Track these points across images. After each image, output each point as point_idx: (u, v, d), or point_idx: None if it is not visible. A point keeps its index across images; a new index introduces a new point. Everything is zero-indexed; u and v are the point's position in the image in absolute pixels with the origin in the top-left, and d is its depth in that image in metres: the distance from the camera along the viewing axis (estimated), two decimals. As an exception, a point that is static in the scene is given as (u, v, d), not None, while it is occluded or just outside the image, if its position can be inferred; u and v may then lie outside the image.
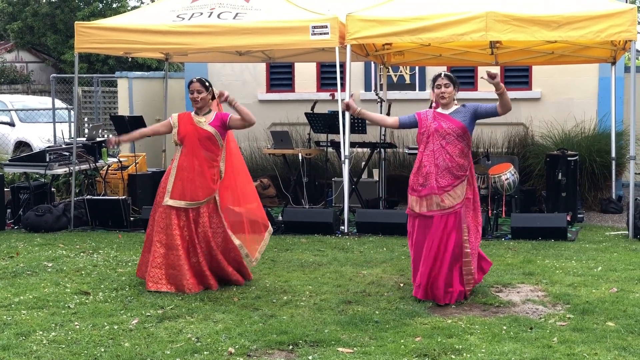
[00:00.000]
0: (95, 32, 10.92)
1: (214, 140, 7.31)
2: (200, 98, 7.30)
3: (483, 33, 9.87)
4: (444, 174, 6.86)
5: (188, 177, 7.26)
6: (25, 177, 11.77)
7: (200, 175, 7.27)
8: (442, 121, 6.93)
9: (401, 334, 5.95)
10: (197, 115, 7.38)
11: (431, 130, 6.93)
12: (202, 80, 7.37)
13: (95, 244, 9.68)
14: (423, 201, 6.90)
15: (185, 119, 7.40)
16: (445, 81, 6.96)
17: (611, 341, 5.70)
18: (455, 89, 6.99)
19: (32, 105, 19.91)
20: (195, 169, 7.26)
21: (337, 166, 12.88)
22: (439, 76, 7.02)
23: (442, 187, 6.85)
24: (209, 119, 7.34)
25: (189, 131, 7.31)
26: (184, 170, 7.29)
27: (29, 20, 30.50)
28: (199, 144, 7.28)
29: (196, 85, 7.32)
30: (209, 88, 7.38)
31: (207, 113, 7.38)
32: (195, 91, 7.31)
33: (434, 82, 7.03)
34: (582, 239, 9.76)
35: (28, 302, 6.93)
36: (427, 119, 7.00)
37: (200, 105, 7.33)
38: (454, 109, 7.01)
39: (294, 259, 8.69)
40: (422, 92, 14.01)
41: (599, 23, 9.66)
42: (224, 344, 5.74)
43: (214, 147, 7.33)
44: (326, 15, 10.39)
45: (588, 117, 13.05)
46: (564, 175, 11.09)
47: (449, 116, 6.95)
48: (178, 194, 7.27)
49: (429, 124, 6.96)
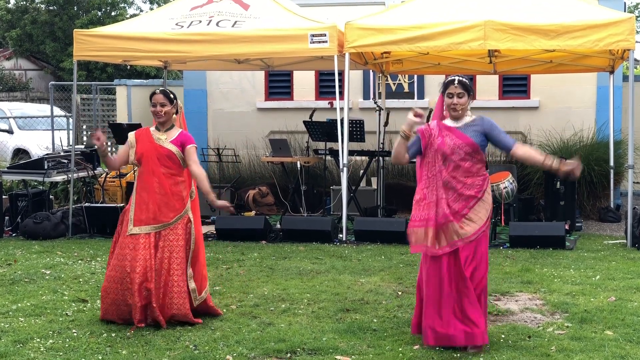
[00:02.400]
0: (94, 40, 10.93)
1: (175, 159, 6.50)
2: (164, 112, 6.48)
3: (481, 42, 9.89)
4: (455, 198, 5.79)
5: (150, 198, 6.45)
6: (24, 184, 11.77)
7: (163, 196, 6.44)
8: (447, 137, 5.82)
9: (399, 342, 5.94)
10: (157, 131, 6.57)
11: (435, 147, 5.85)
12: (166, 92, 6.53)
13: (93, 252, 9.67)
14: (440, 233, 5.75)
15: (144, 136, 6.59)
16: (459, 90, 5.80)
17: (609, 350, 5.69)
18: (469, 98, 5.88)
19: (30, 112, 19.93)
20: (155, 189, 6.44)
21: (335, 174, 12.88)
22: (452, 83, 5.83)
23: (456, 212, 5.77)
24: (171, 136, 6.52)
25: (146, 149, 6.50)
26: (144, 191, 6.49)
27: (27, 28, 30.52)
28: (158, 162, 6.46)
29: (159, 97, 6.49)
30: (174, 101, 6.54)
31: (169, 129, 6.56)
32: (158, 104, 6.48)
33: (446, 88, 5.88)
34: (581, 248, 9.76)
35: (26, 309, 6.92)
36: (432, 133, 5.88)
37: (163, 119, 6.50)
38: (465, 121, 5.89)
39: (292, 267, 8.69)
40: (421, 101, 14.03)
41: (598, 32, 9.68)
42: (221, 352, 5.73)
43: (175, 165, 6.51)
44: (325, 24, 10.41)
45: (586, 125, 13.06)
46: (563, 184, 11.09)
47: (457, 131, 5.84)
48: (142, 219, 6.46)
49: (434, 139, 5.86)
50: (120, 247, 6.50)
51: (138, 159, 6.53)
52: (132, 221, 6.49)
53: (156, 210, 6.44)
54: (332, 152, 11.81)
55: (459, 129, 5.87)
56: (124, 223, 6.56)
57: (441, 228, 5.74)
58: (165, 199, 6.45)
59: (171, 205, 6.47)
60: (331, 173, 13.00)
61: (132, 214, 6.50)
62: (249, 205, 12.86)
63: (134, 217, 6.49)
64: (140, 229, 6.45)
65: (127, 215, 6.55)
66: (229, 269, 8.65)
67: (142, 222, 6.46)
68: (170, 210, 6.46)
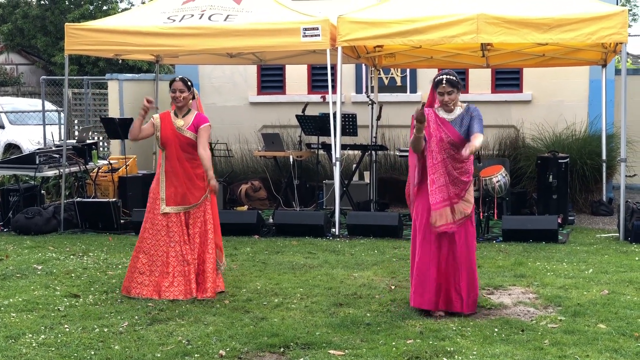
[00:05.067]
0: (86, 34, 10.88)
1: (195, 144, 7.22)
2: (183, 97, 7.20)
3: (474, 35, 9.88)
4: (455, 182, 6.46)
5: (178, 182, 7.21)
6: (15, 179, 11.73)
7: (189, 180, 7.22)
8: (442, 131, 6.38)
9: (393, 336, 5.94)
10: (176, 116, 7.27)
11: (437, 138, 6.40)
12: (184, 79, 7.28)
13: (85, 247, 9.64)
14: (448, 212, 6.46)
15: (166, 121, 7.30)
16: (448, 88, 6.32)
17: (602, 343, 5.69)
18: (459, 92, 6.39)
19: (22, 107, 19.87)
20: (182, 174, 7.22)
21: (328, 168, 12.87)
22: (441, 83, 6.33)
23: (457, 194, 6.47)
24: (188, 123, 7.23)
25: (169, 137, 7.23)
26: (173, 176, 7.24)
27: (19, 22, 30.41)
28: (181, 149, 7.22)
29: (179, 84, 7.21)
30: (191, 88, 7.30)
31: (186, 114, 7.27)
32: (177, 90, 7.21)
33: (436, 87, 6.39)
34: (573, 241, 9.77)
35: (18, 304, 6.89)
36: (431, 125, 6.39)
37: (181, 104, 7.23)
38: (457, 114, 6.42)
39: (285, 262, 8.67)
40: (413, 95, 14.02)
41: (590, 25, 9.67)
42: (214, 347, 5.72)
43: (195, 150, 7.24)
44: (317, 17, 10.38)
45: (579, 119, 13.07)
46: (555, 178, 11.11)
47: (450, 125, 6.40)
48: (173, 200, 7.22)
49: (434, 130, 6.39)
50: (151, 224, 7.25)
51: (163, 143, 7.27)
52: (164, 201, 7.23)
53: (186, 192, 7.22)
54: (324, 146, 11.80)
55: (452, 122, 6.42)
56: (154, 201, 7.27)
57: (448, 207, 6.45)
58: (191, 182, 7.24)
59: (196, 186, 7.25)
60: (324, 167, 12.99)
61: (164, 194, 7.24)
62: (242, 200, 12.84)
63: (165, 197, 7.23)
64: (172, 209, 7.23)
65: (157, 194, 7.27)
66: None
67: (174, 202, 7.23)
68: (196, 190, 7.25)
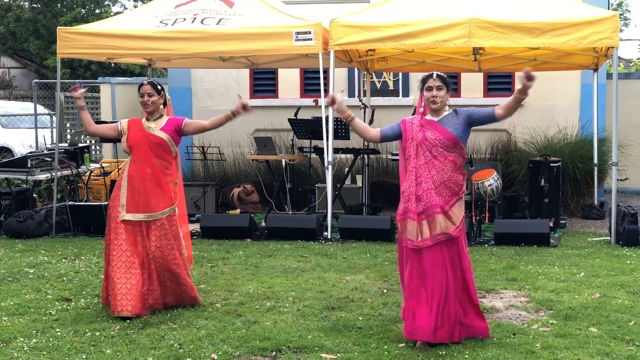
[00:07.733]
0: (78, 38, 10.87)
1: (166, 147, 6.83)
2: (151, 102, 6.80)
3: (466, 39, 9.90)
4: (440, 190, 5.85)
5: (142, 187, 6.75)
6: (7, 182, 11.69)
7: (156, 185, 6.78)
8: (428, 131, 5.91)
9: (385, 340, 5.94)
10: (147, 120, 6.90)
11: (419, 140, 5.93)
12: (153, 83, 6.89)
13: (77, 250, 9.62)
14: (423, 226, 5.83)
15: (136, 125, 6.92)
16: (437, 83, 5.93)
17: (594, 347, 5.71)
18: (448, 92, 6.00)
19: (14, 110, 19.79)
20: (148, 179, 6.76)
21: (320, 172, 12.87)
22: (431, 77, 5.99)
23: (442, 205, 5.83)
24: (160, 124, 6.86)
25: (138, 138, 6.82)
26: (135, 180, 6.78)
27: (11, 25, 30.33)
28: (150, 151, 6.79)
29: (147, 87, 6.83)
30: (161, 92, 6.91)
31: (158, 118, 6.88)
32: (145, 94, 6.81)
33: (424, 83, 6.02)
34: (565, 245, 9.79)
35: (9, 308, 6.87)
36: (413, 128, 5.99)
37: (150, 109, 6.83)
38: (444, 115, 5.99)
39: (277, 265, 8.67)
40: (406, 98, 14.04)
41: (582, 30, 9.71)
42: (206, 351, 5.72)
43: (166, 154, 6.85)
44: (310, 21, 10.39)
45: (570, 123, 13.11)
46: (547, 182, 11.13)
47: (437, 124, 5.94)
48: (134, 206, 6.75)
49: (415, 133, 5.96)
50: (114, 233, 6.75)
51: (129, 146, 6.85)
52: (124, 207, 6.75)
53: (150, 200, 6.75)
54: (317, 150, 11.80)
55: (439, 122, 5.96)
56: (114, 209, 6.79)
57: (424, 220, 5.83)
58: (159, 188, 6.78)
59: (164, 194, 6.80)
60: (316, 171, 12.99)
61: (124, 200, 6.76)
62: (234, 203, 12.83)
63: (126, 204, 6.75)
64: (133, 216, 6.74)
65: (117, 201, 6.79)
66: (213, 267, 8.63)
67: (134, 209, 6.74)
68: (163, 198, 6.79)
